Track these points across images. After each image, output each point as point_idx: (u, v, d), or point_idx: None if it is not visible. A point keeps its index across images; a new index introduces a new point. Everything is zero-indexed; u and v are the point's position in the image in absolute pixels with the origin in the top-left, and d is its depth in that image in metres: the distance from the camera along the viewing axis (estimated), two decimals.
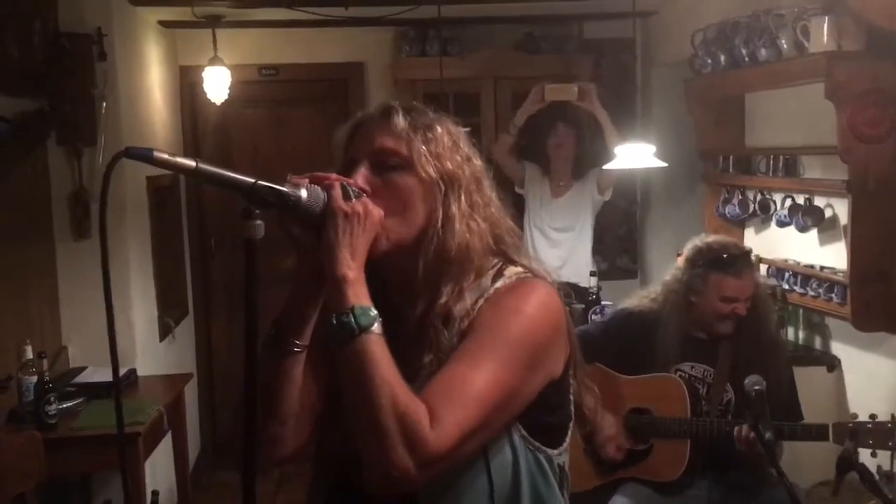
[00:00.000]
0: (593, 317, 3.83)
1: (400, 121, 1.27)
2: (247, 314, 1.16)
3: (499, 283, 1.26)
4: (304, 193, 1.19)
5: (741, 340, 2.76)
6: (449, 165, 1.28)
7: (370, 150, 1.27)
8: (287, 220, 1.21)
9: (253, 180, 1.16)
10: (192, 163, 1.13)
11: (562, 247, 4.45)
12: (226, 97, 4.73)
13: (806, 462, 3.08)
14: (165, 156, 1.11)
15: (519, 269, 1.29)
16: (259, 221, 1.16)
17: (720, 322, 2.76)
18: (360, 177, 1.25)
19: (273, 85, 5.14)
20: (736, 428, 2.59)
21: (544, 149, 4.52)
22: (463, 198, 1.27)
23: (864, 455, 2.39)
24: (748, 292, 2.75)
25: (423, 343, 1.24)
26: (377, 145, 1.27)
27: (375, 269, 1.27)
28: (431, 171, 1.26)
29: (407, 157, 1.26)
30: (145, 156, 1.10)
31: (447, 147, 1.29)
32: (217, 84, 4.67)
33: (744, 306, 2.75)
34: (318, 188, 1.21)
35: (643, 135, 4.01)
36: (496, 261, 1.31)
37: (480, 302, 1.24)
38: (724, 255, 2.77)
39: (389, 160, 1.26)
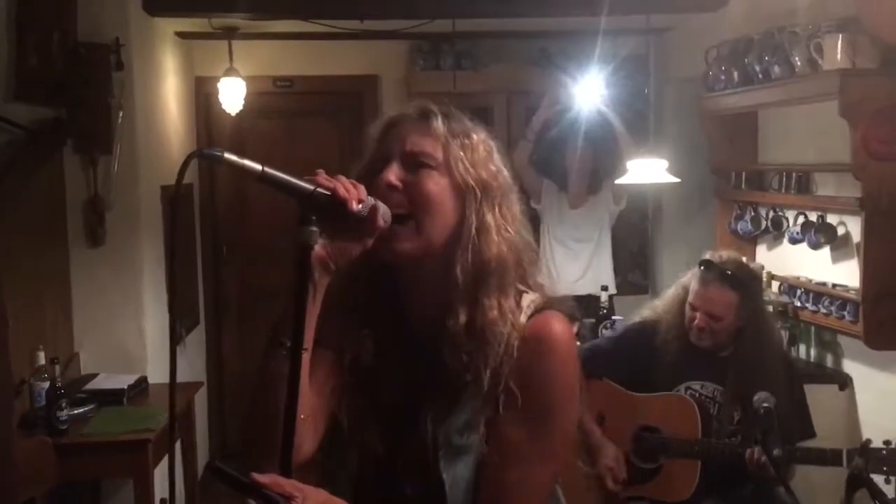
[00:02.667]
0: (604, 331, 3.83)
1: (439, 124, 1.27)
2: (295, 321, 1.15)
3: (521, 317, 1.24)
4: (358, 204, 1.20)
5: (742, 359, 2.74)
6: (484, 174, 1.27)
7: (403, 150, 1.26)
8: (342, 229, 1.20)
9: (312, 187, 1.17)
10: (258, 166, 1.15)
11: (582, 257, 4.47)
12: (240, 108, 4.77)
13: (818, 486, 3.06)
14: (234, 157, 1.13)
15: (533, 296, 1.27)
16: (314, 228, 1.16)
17: (693, 331, 2.76)
18: (392, 173, 1.24)
19: (287, 96, 5.18)
20: (748, 451, 2.58)
21: (561, 163, 4.53)
22: (497, 208, 1.27)
23: (878, 481, 2.37)
24: (709, 308, 2.71)
25: (467, 356, 1.22)
26: (411, 146, 1.26)
27: (404, 275, 1.28)
28: (468, 178, 1.25)
29: (442, 160, 1.25)
30: (216, 157, 1.13)
31: (482, 156, 1.28)
32: (232, 95, 4.71)
33: (703, 319, 2.72)
34: (369, 197, 1.20)
35: (656, 150, 4.01)
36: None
37: (514, 342, 1.22)
38: (703, 263, 2.76)
39: (423, 160, 1.25)
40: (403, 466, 1.27)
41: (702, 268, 2.75)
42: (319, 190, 1.16)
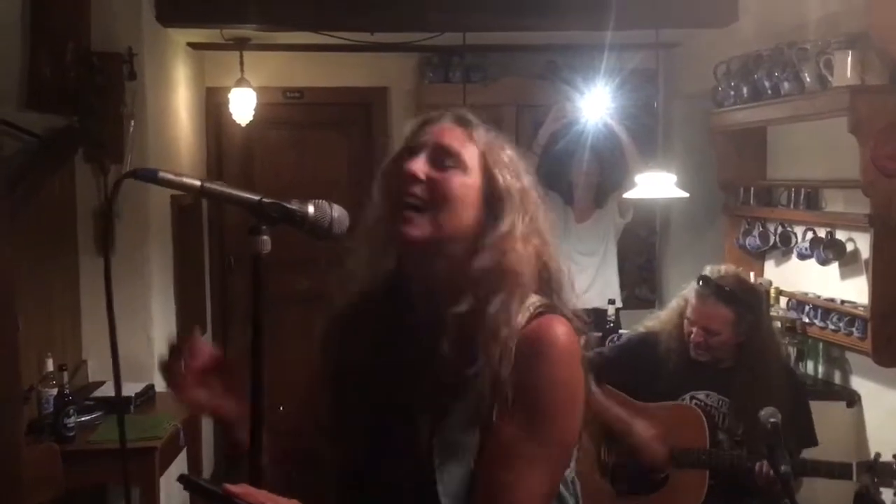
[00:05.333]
0: (610, 345, 3.82)
1: (481, 133, 1.31)
2: (253, 328, 1.17)
3: (521, 318, 1.24)
4: (311, 209, 1.21)
5: (745, 372, 2.73)
6: (518, 185, 1.30)
7: (435, 144, 1.28)
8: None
9: (259, 197, 1.18)
10: (196, 182, 1.15)
11: (588, 271, 4.46)
12: (251, 118, 4.79)
13: (824, 501, 3.04)
14: (171, 175, 1.13)
15: (537, 298, 1.27)
16: (265, 237, 1.17)
17: (691, 346, 2.76)
18: (418, 164, 1.25)
19: (297, 107, 5.20)
20: (757, 464, 2.57)
21: (567, 177, 4.54)
22: (527, 218, 1.29)
23: (887, 494, 2.36)
24: (705, 323, 2.71)
25: (467, 345, 1.22)
26: (445, 142, 1.28)
27: (415, 260, 1.29)
28: (508, 185, 1.28)
29: (474, 165, 1.28)
30: (150, 176, 1.12)
31: (519, 168, 1.32)
32: (242, 105, 4.73)
33: (700, 335, 2.72)
34: (324, 203, 1.22)
35: (664, 165, 4.01)
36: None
37: (513, 342, 1.22)
38: (701, 278, 2.76)
39: (451, 159, 1.27)
40: (392, 467, 1.27)
41: (699, 283, 2.75)
42: (266, 200, 1.18)
